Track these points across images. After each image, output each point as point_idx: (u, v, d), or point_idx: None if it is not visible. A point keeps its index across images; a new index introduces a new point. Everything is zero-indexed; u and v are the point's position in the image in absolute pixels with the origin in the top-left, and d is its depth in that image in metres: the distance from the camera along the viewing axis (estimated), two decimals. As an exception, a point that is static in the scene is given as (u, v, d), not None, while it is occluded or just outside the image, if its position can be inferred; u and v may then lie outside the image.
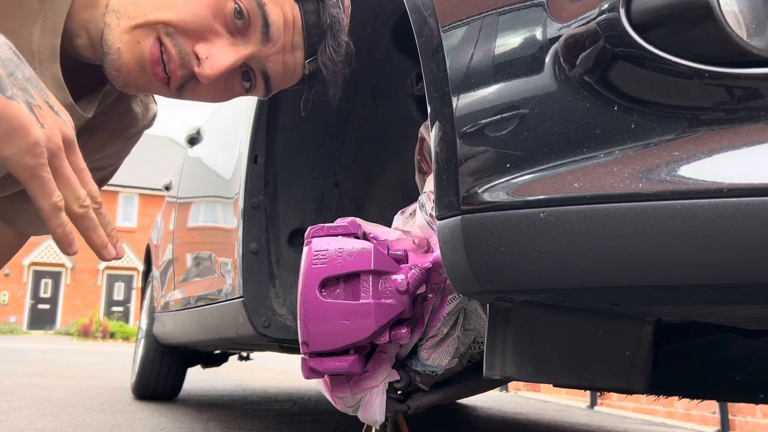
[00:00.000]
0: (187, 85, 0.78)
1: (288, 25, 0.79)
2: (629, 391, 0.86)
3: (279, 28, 0.78)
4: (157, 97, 0.98)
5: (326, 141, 1.66)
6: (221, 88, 0.81)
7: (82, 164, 0.63)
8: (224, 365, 3.51)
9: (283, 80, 0.84)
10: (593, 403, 4.31)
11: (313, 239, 0.95)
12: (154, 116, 0.98)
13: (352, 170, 1.71)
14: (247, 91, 0.84)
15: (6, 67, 0.59)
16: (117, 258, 0.67)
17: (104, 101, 0.87)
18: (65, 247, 0.63)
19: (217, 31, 0.76)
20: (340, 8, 0.84)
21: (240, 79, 0.82)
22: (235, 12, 0.76)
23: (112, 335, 19.37)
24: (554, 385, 0.85)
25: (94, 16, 0.75)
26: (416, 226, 1.00)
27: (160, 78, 0.76)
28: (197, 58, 0.76)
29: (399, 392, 1.06)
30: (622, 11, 0.61)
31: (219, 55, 0.76)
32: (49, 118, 0.60)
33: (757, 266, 0.54)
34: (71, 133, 0.62)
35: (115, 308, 23.44)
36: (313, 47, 0.83)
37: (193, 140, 2.60)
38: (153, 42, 0.74)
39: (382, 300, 0.90)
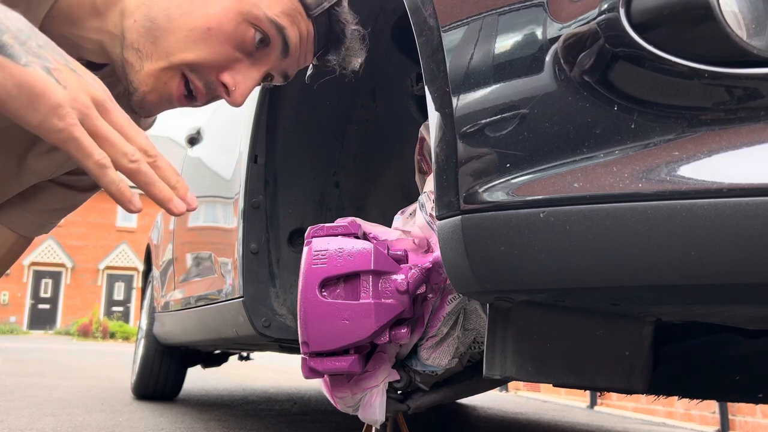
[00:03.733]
0: (212, 100, 0.81)
1: (303, 39, 0.82)
2: (629, 391, 0.86)
3: (296, 45, 0.81)
4: None
5: (326, 141, 1.67)
6: None
7: (124, 120, 0.61)
8: (224, 365, 3.51)
9: (298, 69, 0.87)
10: (593, 403, 4.31)
11: (313, 239, 0.95)
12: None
13: (352, 170, 1.71)
14: (267, 84, 0.87)
15: (17, 38, 0.58)
16: (189, 210, 0.63)
17: None
18: (125, 203, 0.60)
19: (237, 58, 0.78)
20: (345, 10, 0.85)
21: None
22: (257, 41, 0.77)
23: (112, 335, 19.37)
24: (554, 385, 0.85)
25: (101, 28, 0.75)
26: (416, 226, 1.00)
27: (183, 103, 0.79)
28: (224, 86, 0.78)
29: (399, 392, 1.06)
30: (621, 11, 0.61)
31: (244, 81, 0.78)
32: (71, 80, 0.59)
33: (757, 266, 0.54)
34: (101, 92, 0.60)
35: (115, 308, 23.44)
36: (323, 45, 0.86)
37: (193, 140, 2.60)
38: (179, 81, 0.76)
39: (382, 300, 0.90)
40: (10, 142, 0.81)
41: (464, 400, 3.71)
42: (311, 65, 0.88)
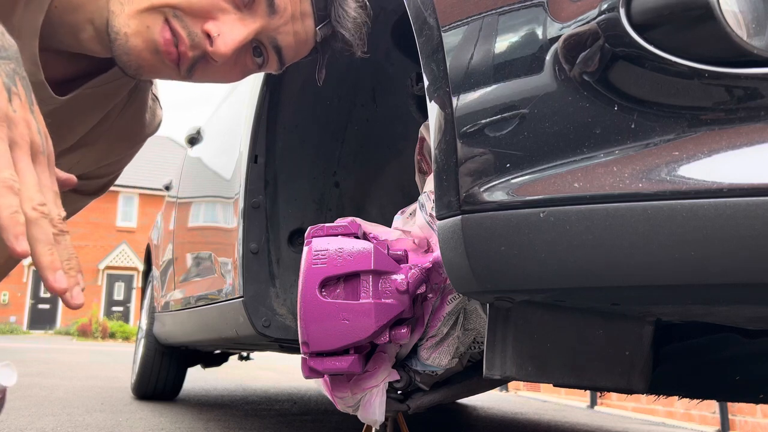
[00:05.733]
0: (197, 65, 0.77)
1: None
2: (629, 391, 0.86)
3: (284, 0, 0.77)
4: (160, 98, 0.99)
5: (326, 141, 1.67)
6: (232, 66, 0.80)
7: (49, 182, 0.55)
8: (224, 365, 3.51)
9: (296, 51, 0.83)
10: (593, 403, 4.31)
11: (313, 239, 0.95)
12: (160, 123, 0.98)
13: (352, 170, 1.71)
14: (260, 67, 0.83)
15: None
16: (73, 306, 0.52)
17: (111, 100, 0.87)
18: (11, 238, 0.49)
19: (224, 8, 0.75)
20: None
21: (251, 55, 0.81)
22: None
23: (112, 335, 19.36)
24: (554, 385, 0.85)
25: (99, 7, 0.74)
26: (416, 226, 1.00)
27: (172, 58, 0.75)
28: (208, 37, 0.75)
29: (399, 392, 1.06)
30: (622, 11, 0.61)
31: (230, 32, 0.75)
32: (22, 112, 0.55)
33: (757, 266, 0.54)
34: (45, 145, 0.56)
35: (115, 308, 23.44)
36: (323, 12, 0.81)
37: (193, 140, 2.61)
38: (162, 25, 0.73)
39: (382, 300, 0.90)
40: None
41: (464, 400, 3.70)
42: (317, 50, 0.84)
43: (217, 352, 3.13)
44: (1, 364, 0.59)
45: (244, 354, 3.45)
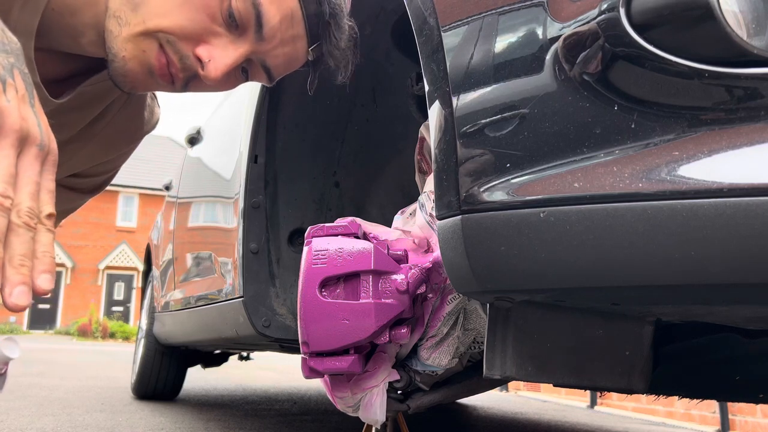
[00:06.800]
0: (191, 82, 0.79)
1: (286, 19, 0.79)
2: (629, 391, 0.86)
3: (273, 26, 0.78)
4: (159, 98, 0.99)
5: (326, 141, 1.67)
6: (224, 81, 0.82)
7: (34, 175, 0.53)
8: (224, 365, 3.51)
9: (286, 69, 0.84)
10: (593, 403, 4.31)
11: (313, 239, 0.95)
12: (157, 120, 0.99)
13: (352, 170, 1.71)
14: (249, 79, 0.85)
15: None
16: (9, 306, 0.49)
17: (105, 99, 0.87)
18: None
19: (216, 32, 0.76)
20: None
21: (241, 71, 0.82)
22: (228, 14, 0.76)
23: (112, 335, 19.37)
24: (554, 385, 0.85)
25: (97, 13, 0.75)
26: (416, 226, 1.00)
27: (167, 80, 0.78)
28: (200, 61, 0.76)
29: (399, 392, 1.06)
30: (622, 11, 0.61)
31: (221, 57, 0.76)
32: (17, 103, 0.54)
33: (757, 266, 0.54)
34: (42, 139, 0.55)
35: (115, 308, 23.44)
36: (316, 35, 0.82)
37: (193, 140, 2.61)
38: (158, 51, 0.75)
39: (382, 300, 0.90)
40: None
41: (464, 400, 3.71)
42: (309, 65, 0.86)
43: (217, 352, 3.13)
44: (4, 338, 0.59)
45: (244, 354, 3.45)
